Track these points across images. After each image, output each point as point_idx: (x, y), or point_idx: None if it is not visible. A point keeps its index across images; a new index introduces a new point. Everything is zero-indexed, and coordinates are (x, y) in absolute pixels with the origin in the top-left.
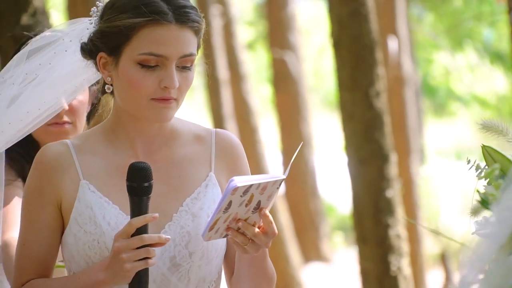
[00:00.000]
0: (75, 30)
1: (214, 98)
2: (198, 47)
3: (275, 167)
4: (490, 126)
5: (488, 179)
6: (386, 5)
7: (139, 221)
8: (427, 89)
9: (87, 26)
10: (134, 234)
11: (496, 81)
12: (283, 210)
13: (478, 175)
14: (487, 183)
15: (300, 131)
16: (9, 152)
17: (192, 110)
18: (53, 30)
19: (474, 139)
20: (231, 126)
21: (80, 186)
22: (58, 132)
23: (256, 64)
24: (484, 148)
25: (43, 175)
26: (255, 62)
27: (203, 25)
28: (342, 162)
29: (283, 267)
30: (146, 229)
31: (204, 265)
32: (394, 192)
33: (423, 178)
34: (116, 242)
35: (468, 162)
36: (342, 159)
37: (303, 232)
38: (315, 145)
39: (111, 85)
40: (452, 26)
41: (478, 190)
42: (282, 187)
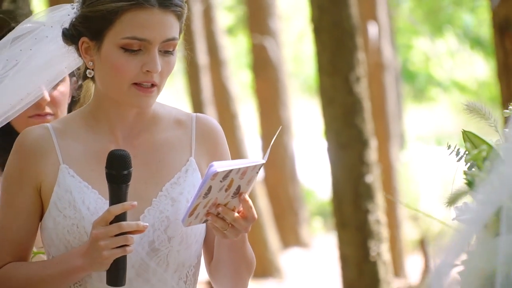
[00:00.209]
0: (56, 16)
1: (193, 84)
2: (180, 32)
3: (254, 152)
4: (474, 108)
5: (471, 162)
6: None
7: (118, 208)
8: (407, 74)
9: (68, 12)
10: (112, 221)
11: (476, 66)
12: (262, 195)
13: (465, 158)
14: (473, 166)
15: (280, 117)
16: None
17: (171, 96)
18: (35, 22)
19: (454, 124)
20: (211, 112)
21: (60, 171)
22: (40, 123)
23: (235, 50)
24: (465, 133)
25: (23, 158)
26: (235, 48)
27: (185, 10)
28: (321, 148)
29: (262, 252)
30: (125, 216)
31: (183, 250)
32: (374, 178)
33: (403, 163)
34: (94, 229)
35: (449, 148)
36: (321, 145)
37: (282, 217)
38: (294, 130)
39: (93, 69)
40: (432, 11)
41: (465, 172)
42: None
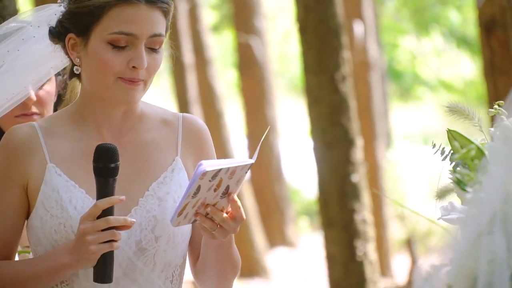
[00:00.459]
0: (43, 16)
1: (179, 83)
2: (167, 29)
3: (240, 151)
4: (456, 109)
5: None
6: None
7: (105, 202)
8: (393, 73)
9: (55, 12)
10: (100, 216)
11: (463, 65)
12: (248, 194)
13: (451, 157)
14: (459, 165)
15: (266, 116)
16: None
17: (157, 95)
18: (20, 22)
19: (441, 123)
20: (196, 111)
21: (47, 169)
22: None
23: (221, 49)
24: (450, 132)
25: (10, 157)
26: (221, 47)
27: (172, 7)
28: (307, 147)
29: (248, 251)
30: (112, 211)
31: (170, 249)
32: (360, 177)
33: (389, 162)
34: (82, 224)
35: (434, 147)
36: (307, 144)
37: (268, 217)
38: (280, 129)
39: (80, 66)
40: (417, 10)
41: (454, 170)
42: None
